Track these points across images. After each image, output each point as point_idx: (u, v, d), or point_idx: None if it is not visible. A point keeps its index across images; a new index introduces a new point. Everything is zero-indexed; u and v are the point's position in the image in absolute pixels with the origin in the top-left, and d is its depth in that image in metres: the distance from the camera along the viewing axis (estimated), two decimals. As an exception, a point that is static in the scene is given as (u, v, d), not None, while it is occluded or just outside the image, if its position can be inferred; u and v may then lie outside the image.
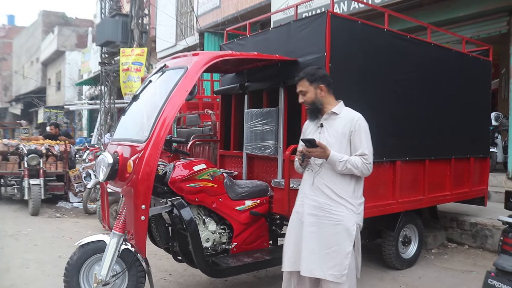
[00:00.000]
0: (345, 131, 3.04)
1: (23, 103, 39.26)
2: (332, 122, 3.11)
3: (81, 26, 34.28)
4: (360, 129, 3.03)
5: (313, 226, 3.01)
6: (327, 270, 2.93)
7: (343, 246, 2.95)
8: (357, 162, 2.95)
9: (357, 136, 3.02)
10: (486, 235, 5.84)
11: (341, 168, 2.95)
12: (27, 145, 8.85)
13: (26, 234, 6.66)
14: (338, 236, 2.95)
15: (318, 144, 2.91)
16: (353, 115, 3.09)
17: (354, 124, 3.03)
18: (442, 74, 5.24)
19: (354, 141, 3.03)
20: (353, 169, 2.95)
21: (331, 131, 3.08)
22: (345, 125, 3.05)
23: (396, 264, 4.96)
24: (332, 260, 2.94)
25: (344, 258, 2.94)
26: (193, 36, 14.98)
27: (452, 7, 8.49)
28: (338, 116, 3.11)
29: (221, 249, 3.93)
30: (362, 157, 2.99)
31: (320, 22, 3.94)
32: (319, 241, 2.98)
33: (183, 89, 3.32)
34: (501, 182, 7.83)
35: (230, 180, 4.05)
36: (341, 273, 2.92)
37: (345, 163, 2.94)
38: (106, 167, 3.41)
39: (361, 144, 3.01)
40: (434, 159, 5.17)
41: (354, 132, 3.02)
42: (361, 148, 3.01)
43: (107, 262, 3.37)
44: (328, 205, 2.99)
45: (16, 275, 4.76)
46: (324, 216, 2.99)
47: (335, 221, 2.97)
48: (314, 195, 3.06)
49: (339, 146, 3.02)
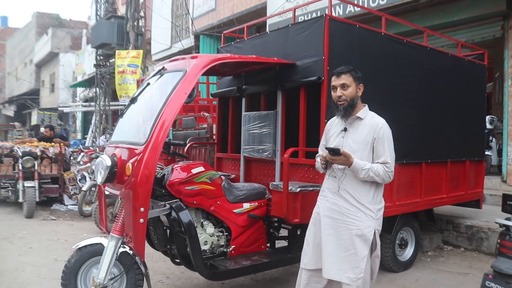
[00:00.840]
0: (368, 138, 3.03)
1: (16, 105, 39.02)
2: (356, 127, 3.10)
3: (75, 28, 34.16)
4: (383, 136, 3.02)
5: (330, 229, 3.05)
6: (343, 273, 2.97)
7: (359, 250, 2.97)
8: (379, 170, 2.96)
9: (380, 144, 3.01)
10: (481, 237, 5.88)
11: (363, 175, 2.95)
12: (21, 147, 8.80)
13: (21, 237, 6.62)
14: (355, 240, 2.98)
15: (342, 152, 2.91)
16: (377, 121, 3.08)
17: (378, 132, 3.02)
18: (438, 78, 5.27)
19: (377, 149, 3.02)
20: (375, 177, 2.96)
21: (355, 136, 3.07)
22: (369, 131, 3.04)
23: (392, 267, 4.97)
24: (349, 263, 2.97)
25: (360, 262, 2.97)
26: (189, 39, 14.97)
27: (446, 12, 8.56)
28: (362, 122, 3.09)
29: (219, 252, 3.93)
30: (384, 165, 2.99)
31: (319, 25, 3.96)
32: (337, 244, 3.01)
33: (182, 92, 3.32)
34: (496, 185, 7.88)
35: (228, 183, 4.04)
36: (357, 276, 2.95)
37: (367, 171, 2.94)
38: (105, 170, 3.40)
39: (384, 152, 3.01)
40: (431, 162, 5.20)
41: (378, 139, 3.02)
42: (384, 156, 3.00)
43: (105, 265, 3.36)
44: (347, 210, 3.02)
45: (11, 278, 4.73)
46: (343, 220, 3.02)
47: (353, 226, 3.00)
48: (334, 198, 3.08)
49: (362, 153, 3.02)
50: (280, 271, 4.87)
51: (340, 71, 3.11)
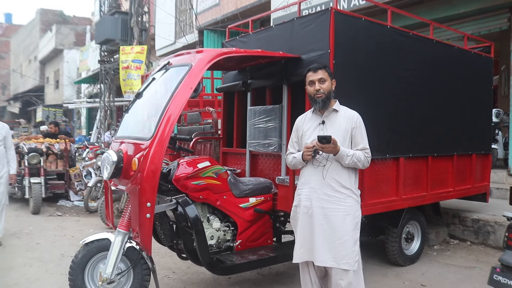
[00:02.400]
0: (347, 127, 3.23)
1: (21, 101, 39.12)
2: (333, 119, 3.27)
3: (79, 24, 34.17)
4: (360, 125, 3.26)
5: (323, 218, 3.16)
6: (340, 259, 3.09)
7: (352, 234, 3.14)
8: (360, 155, 3.18)
9: (358, 132, 3.24)
10: (488, 231, 5.85)
11: (348, 161, 3.14)
12: (27, 144, 8.83)
13: (28, 233, 6.66)
14: (347, 226, 3.13)
15: (333, 140, 3.05)
16: (352, 113, 3.30)
17: (355, 121, 3.25)
18: (444, 71, 5.24)
19: (355, 137, 3.24)
20: (357, 162, 3.17)
21: (334, 127, 3.24)
22: (347, 122, 3.25)
23: (399, 261, 4.97)
24: (344, 250, 3.10)
25: (354, 245, 3.13)
26: (193, 34, 14.95)
27: (452, 4, 8.49)
28: (338, 114, 3.28)
29: (226, 246, 3.93)
30: (364, 151, 3.22)
31: (324, 19, 3.93)
32: (330, 233, 3.12)
33: (187, 87, 3.31)
34: (502, 179, 7.84)
35: (234, 178, 4.04)
36: (354, 259, 3.10)
37: (352, 157, 3.14)
38: (111, 165, 3.40)
39: (362, 139, 3.24)
40: (437, 155, 5.17)
41: (356, 128, 3.24)
42: (362, 143, 3.24)
43: (112, 260, 3.37)
44: (337, 197, 3.16)
45: (19, 274, 4.76)
46: (334, 208, 3.14)
47: (344, 212, 3.14)
48: (322, 189, 3.19)
49: (342, 142, 3.19)
50: (286, 266, 4.87)
51: (317, 67, 3.31)
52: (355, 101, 4.15)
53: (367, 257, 5.36)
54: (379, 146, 4.44)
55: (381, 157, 4.50)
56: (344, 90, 4.01)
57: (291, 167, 3.45)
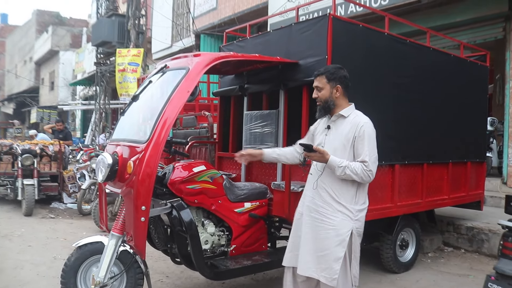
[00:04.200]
0: (349, 135, 3.02)
1: (15, 102, 38.97)
2: (339, 125, 3.11)
3: (76, 26, 34.13)
4: (363, 135, 2.98)
5: (308, 227, 3.09)
6: (320, 271, 2.99)
7: (334, 250, 2.97)
8: (356, 168, 2.92)
9: (360, 142, 2.98)
10: (482, 239, 5.86)
11: (340, 173, 2.94)
12: (20, 145, 8.77)
13: (20, 235, 6.59)
14: (330, 241, 2.98)
15: (315, 149, 2.93)
16: (360, 119, 3.05)
17: (358, 130, 2.99)
18: (440, 79, 5.26)
19: (357, 147, 2.99)
20: (352, 174, 2.92)
21: (337, 134, 3.08)
22: (350, 129, 3.03)
23: (394, 268, 4.96)
24: (324, 263, 2.99)
25: (334, 263, 2.96)
26: (189, 38, 14.95)
27: (449, 13, 8.54)
28: (345, 120, 3.09)
29: (220, 251, 3.91)
30: (363, 163, 2.94)
31: (322, 25, 3.93)
32: (314, 243, 3.04)
33: (184, 90, 3.29)
34: (496, 187, 7.87)
35: (230, 182, 4.02)
36: (331, 276, 2.95)
37: (344, 168, 2.92)
38: (106, 168, 3.37)
39: (363, 150, 2.97)
40: (432, 163, 5.18)
41: (358, 138, 2.99)
42: (363, 154, 2.96)
43: (105, 263, 3.34)
44: (325, 209, 3.03)
45: (10, 276, 4.70)
46: (320, 220, 3.04)
47: (329, 226, 3.00)
48: (313, 198, 3.11)
49: (343, 150, 3.01)
50: (280, 271, 4.82)
51: (316, 73, 3.18)
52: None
53: (361, 264, 5.33)
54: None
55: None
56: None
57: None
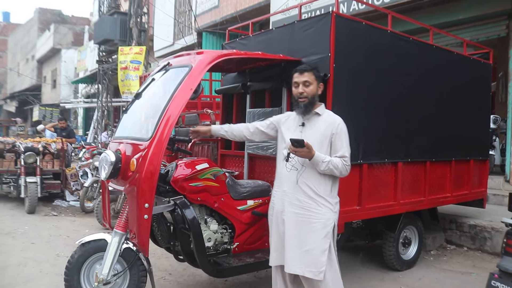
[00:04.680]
0: (327, 133, 3.14)
1: (18, 100, 39.01)
2: (314, 122, 3.20)
3: (78, 24, 34.11)
4: (341, 132, 3.14)
5: (293, 224, 3.13)
6: (305, 267, 3.04)
7: (320, 243, 3.06)
8: (337, 163, 3.07)
9: (338, 139, 3.13)
10: (485, 237, 5.86)
11: (323, 168, 3.05)
12: (23, 143, 8.79)
13: (23, 232, 6.61)
14: (316, 234, 3.07)
15: (306, 144, 2.97)
16: (335, 118, 3.20)
17: (336, 127, 3.13)
18: (443, 77, 5.25)
19: (335, 144, 3.13)
20: (334, 169, 3.06)
21: (313, 131, 3.17)
22: (327, 127, 3.14)
23: (396, 265, 4.96)
24: (310, 258, 3.05)
25: (321, 255, 3.05)
26: (191, 36, 14.94)
27: (451, 10, 8.52)
28: (320, 118, 3.21)
29: (223, 249, 3.90)
30: (342, 158, 3.10)
31: (325, 22, 3.92)
32: (299, 239, 3.09)
33: (187, 88, 3.29)
34: (499, 185, 7.87)
35: (232, 180, 4.02)
36: (318, 270, 3.03)
37: (327, 163, 3.04)
38: (109, 165, 3.37)
39: (341, 146, 3.12)
40: (435, 160, 5.18)
41: (336, 135, 3.13)
42: (342, 150, 3.12)
43: (108, 261, 3.34)
44: (309, 204, 3.11)
45: (14, 273, 4.72)
46: (305, 215, 3.10)
47: (315, 219, 3.08)
48: (295, 193, 3.15)
49: (320, 147, 3.10)
50: (283, 269, 4.85)
51: (303, 69, 3.22)
52: (354, 105, 4.18)
53: (364, 262, 5.37)
54: (378, 151, 4.45)
55: (380, 161, 4.50)
56: (344, 94, 4.02)
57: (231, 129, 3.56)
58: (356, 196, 4.30)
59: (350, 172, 3.23)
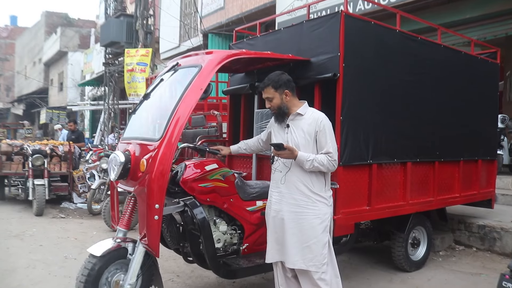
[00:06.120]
0: (311, 131, 3.25)
1: (25, 103, 39.27)
2: (298, 122, 3.31)
3: (84, 27, 34.29)
4: (324, 128, 3.23)
5: (292, 222, 3.24)
6: (308, 261, 3.19)
7: (320, 237, 3.20)
8: (323, 159, 3.17)
9: (322, 136, 3.23)
10: (494, 237, 5.81)
11: (308, 166, 3.16)
12: (31, 145, 8.84)
13: (31, 234, 6.63)
14: (315, 230, 3.20)
15: (286, 147, 3.12)
16: (318, 115, 3.29)
17: (318, 125, 3.23)
18: (451, 76, 5.22)
19: (319, 140, 3.24)
20: (320, 166, 3.17)
21: (298, 131, 3.28)
22: (310, 125, 3.25)
23: (405, 266, 4.93)
24: (311, 252, 3.19)
25: (322, 249, 3.21)
26: (197, 37, 14.98)
27: (458, 9, 8.48)
28: (303, 117, 3.31)
29: (232, 250, 3.88)
30: (327, 155, 3.20)
31: (334, 22, 3.91)
32: (299, 236, 3.22)
33: (197, 88, 3.28)
34: (507, 185, 7.81)
35: (241, 181, 4.00)
36: (321, 262, 3.20)
37: (312, 161, 3.15)
38: (118, 166, 3.36)
39: (326, 143, 3.22)
40: (444, 161, 5.14)
41: (319, 132, 3.23)
42: (326, 146, 3.22)
43: (134, 270, 3.29)
44: (305, 202, 3.23)
45: (22, 275, 4.73)
46: (302, 212, 3.22)
47: (313, 216, 3.21)
48: (290, 193, 3.27)
49: (306, 145, 3.23)
50: (291, 270, 4.83)
51: (262, 86, 3.39)
52: (363, 104, 4.16)
53: (372, 263, 5.34)
54: (387, 151, 4.42)
55: (389, 161, 4.48)
56: (353, 93, 4.00)
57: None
58: (365, 196, 4.28)
59: (360, 172, 3.26)
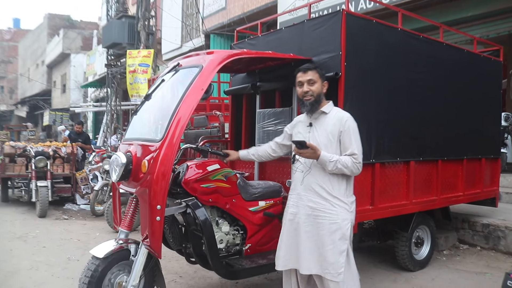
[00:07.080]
0: (334, 131, 3.09)
1: (28, 105, 39.39)
2: (321, 121, 3.17)
3: (86, 28, 34.40)
4: (349, 129, 3.07)
5: (309, 226, 3.09)
6: (324, 268, 3.00)
7: (338, 244, 3.01)
8: (347, 161, 3.00)
9: (346, 136, 3.06)
10: (498, 236, 5.77)
11: (331, 168, 2.99)
12: (34, 147, 8.86)
13: (34, 236, 6.64)
14: (333, 236, 3.01)
15: (309, 145, 2.95)
16: (342, 115, 3.14)
17: (343, 124, 3.07)
18: (454, 74, 5.19)
19: (343, 141, 3.07)
20: (343, 168, 3.00)
21: (321, 130, 3.14)
22: (335, 124, 3.10)
23: (409, 265, 4.91)
24: (328, 259, 3.00)
25: (339, 257, 2.99)
26: (199, 38, 14.98)
27: (461, 7, 8.45)
28: (327, 116, 3.17)
29: (235, 250, 3.87)
30: (352, 156, 3.03)
31: (336, 20, 3.89)
32: (316, 240, 3.05)
33: (198, 88, 3.26)
34: (511, 183, 7.76)
35: (243, 181, 3.99)
36: (337, 271, 2.98)
37: (335, 163, 2.98)
38: (120, 167, 3.35)
39: (350, 144, 3.05)
40: (447, 159, 5.12)
41: (344, 132, 3.06)
42: (351, 148, 3.04)
43: (138, 272, 3.29)
44: (323, 205, 3.06)
45: (25, 277, 4.74)
46: (320, 216, 3.06)
47: (330, 221, 3.03)
48: (308, 195, 3.13)
49: (329, 145, 3.07)
50: (295, 270, 4.81)
51: (306, 67, 3.21)
52: (366, 103, 4.14)
53: (376, 262, 5.32)
54: (390, 150, 4.40)
55: (392, 160, 4.46)
56: (355, 92, 3.98)
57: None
58: (368, 195, 4.26)
59: (363, 172, 3.20)
